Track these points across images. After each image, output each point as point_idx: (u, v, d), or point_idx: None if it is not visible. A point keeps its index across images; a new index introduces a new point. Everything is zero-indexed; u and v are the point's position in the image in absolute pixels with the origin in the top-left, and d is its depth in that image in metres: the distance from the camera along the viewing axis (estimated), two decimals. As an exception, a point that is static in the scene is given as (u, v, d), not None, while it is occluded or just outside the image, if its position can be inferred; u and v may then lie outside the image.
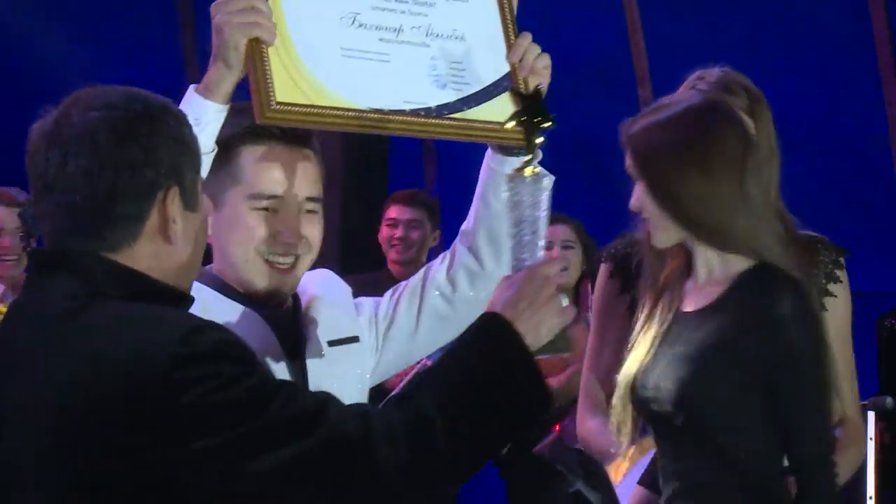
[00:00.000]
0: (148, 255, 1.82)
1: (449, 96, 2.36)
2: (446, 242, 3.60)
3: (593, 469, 4.24)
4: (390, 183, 7.37)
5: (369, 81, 2.28)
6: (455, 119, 2.38)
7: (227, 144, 2.27)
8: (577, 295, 5.23)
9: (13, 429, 1.78)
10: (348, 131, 2.67)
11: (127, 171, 1.78)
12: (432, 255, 5.46)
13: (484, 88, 2.39)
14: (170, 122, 1.83)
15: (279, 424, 1.68)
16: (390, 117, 2.31)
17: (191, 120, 1.91)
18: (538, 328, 1.84)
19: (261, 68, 2.15)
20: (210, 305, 2.21)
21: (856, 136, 7.44)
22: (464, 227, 2.50)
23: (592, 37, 8.00)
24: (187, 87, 2.18)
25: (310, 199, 2.32)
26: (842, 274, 2.76)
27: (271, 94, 2.17)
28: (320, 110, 2.24)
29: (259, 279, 2.28)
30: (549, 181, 2.12)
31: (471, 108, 2.38)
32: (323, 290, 2.43)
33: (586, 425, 2.88)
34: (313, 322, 2.34)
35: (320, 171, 2.37)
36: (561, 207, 4.23)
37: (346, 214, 6.68)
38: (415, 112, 2.32)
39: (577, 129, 6.17)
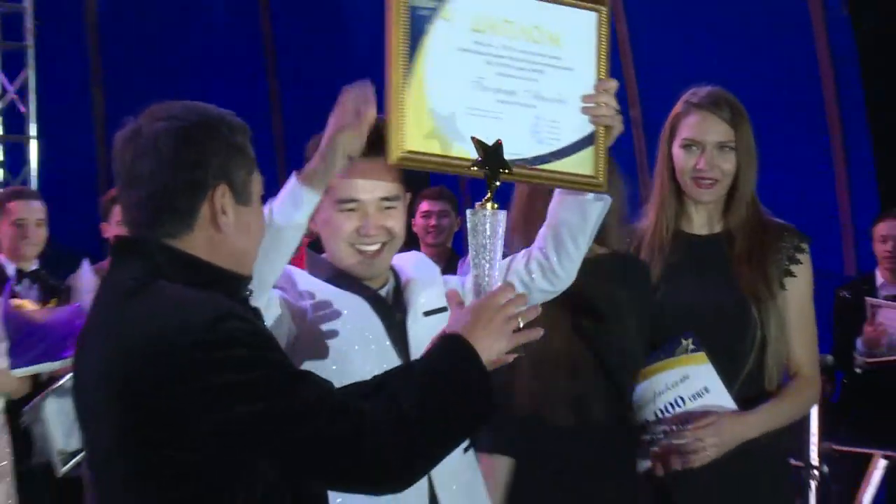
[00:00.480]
0: (203, 242, 2.26)
1: (543, 150, 2.97)
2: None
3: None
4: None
5: (483, 135, 2.75)
6: (542, 169, 2.98)
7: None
8: None
9: (88, 386, 2.31)
10: (463, 175, 3.19)
11: (181, 171, 2.23)
12: (457, 236, 7.13)
13: (571, 144, 3.02)
14: (222, 131, 2.27)
15: (281, 409, 2.10)
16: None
17: (289, 201, 2.59)
18: (490, 349, 2.32)
19: (396, 117, 2.67)
20: (321, 292, 2.93)
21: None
22: (540, 231, 3.15)
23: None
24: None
25: (385, 198, 2.91)
26: (803, 257, 3.43)
27: (402, 142, 2.71)
28: (443, 159, 2.81)
29: (353, 263, 2.93)
30: (503, 215, 2.64)
31: (558, 160, 3.01)
32: (417, 270, 3.11)
33: None
34: (412, 296, 3.00)
35: (395, 175, 2.91)
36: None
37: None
38: (513, 162, 2.80)
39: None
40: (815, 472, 5.23)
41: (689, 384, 3.30)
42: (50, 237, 6.22)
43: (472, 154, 2.74)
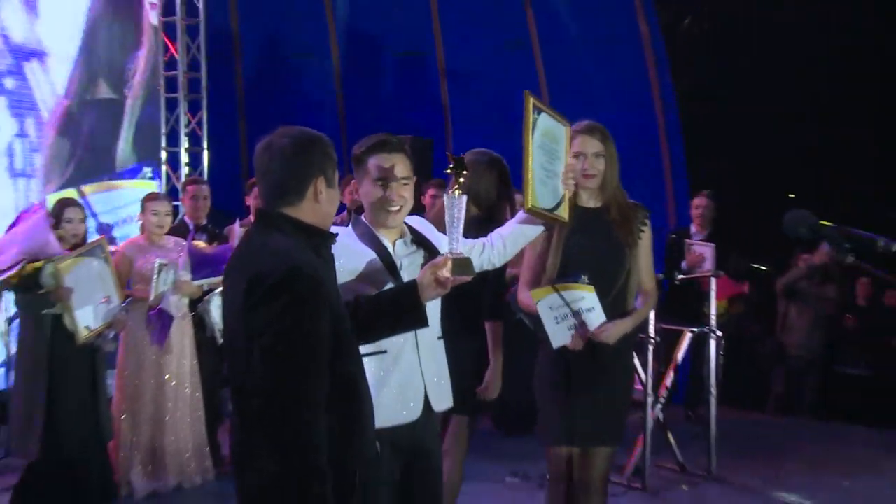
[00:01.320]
0: (309, 209, 2.73)
1: (554, 202, 3.71)
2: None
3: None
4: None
5: (540, 197, 3.59)
6: (552, 213, 3.69)
7: (361, 156, 3.37)
8: None
9: (231, 294, 2.74)
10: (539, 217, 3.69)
11: (298, 168, 2.71)
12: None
13: (560, 198, 3.75)
14: (318, 145, 2.75)
15: (284, 362, 2.49)
16: (544, 213, 3.64)
17: None
18: (426, 292, 2.96)
19: (526, 182, 3.52)
20: (351, 251, 3.30)
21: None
22: (499, 231, 3.75)
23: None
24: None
25: (403, 177, 3.35)
26: (647, 222, 4.07)
27: (529, 200, 3.52)
28: (539, 211, 3.58)
29: (385, 217, 3.35)
30: (465, 199, 3.15)
31: (558, 208, 3.73)
32: (421, 227, 3.55)
33: (523, 295, 4.16)
34: (420, 240, 3.45)
35: (410, 163, 3.39)
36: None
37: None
38: (544, 209, 3.62)
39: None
40: (652, 340, 6.22)
41: (585, 302, 3.79)
42: (213, 206, 7.26)
43: (544, 205, 3.61)
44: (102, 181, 8.96)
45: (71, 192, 7.98)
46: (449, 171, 3.18)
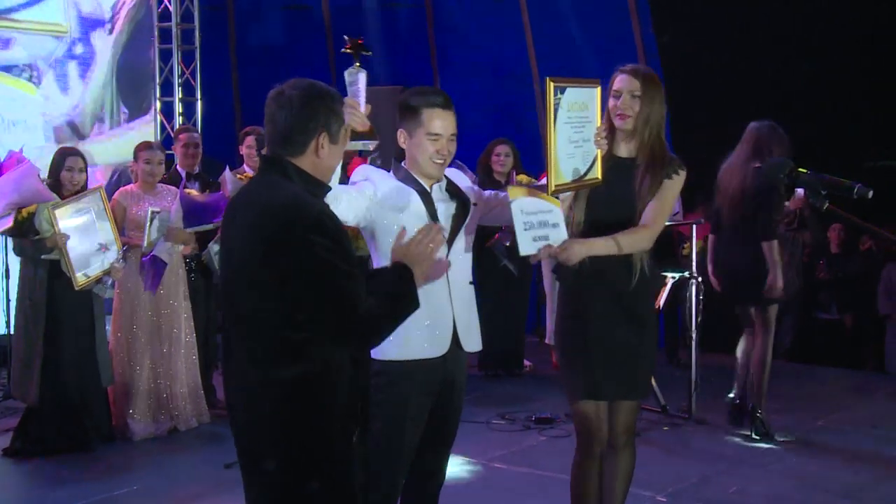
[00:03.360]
0: (309, 162, 2.75)
1: (586, 167, 3.67)
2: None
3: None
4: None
5: (566, 167, 3.57)
6: (585, 179, 3.66)
7: (416, 108, 3.44)
8: None
9: (235, 235, 2.74)
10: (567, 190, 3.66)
11: (302, 121, 2.72)
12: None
13: (592, 161, 3.69)
14: (327, 101, 2.76)
15: (335, 279, 2.59)
16: (570, 185, 3.60)
17: None
18: (419, 270, 2.78)
19: (549, 162, 3.50)
20: (392, 187, 3.45)
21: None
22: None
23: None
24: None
25: (452, 134, 3.48)
26: (680, 172, 3.74)
27: (553, 182, 3.50)
28: (563, 187, 3.56)
29: (432, 169, 3.46)
30: (364, 73, 3.43)
31: (590, 172, 3.68)
32: (454, 177, 3.63)
33: None
34: (454, 191, 3.56)
35: (456, 120, 3.50)
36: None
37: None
38: (575, 177, 3.61)
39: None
40: None
41: (552, 216, 3.50)
42: (207, 155, 7.28)
43: (570, 177, 3.57)
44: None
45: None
46: (347, 50, 3.41)
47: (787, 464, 5.63)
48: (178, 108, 9.80)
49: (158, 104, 9.67)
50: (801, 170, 3.14)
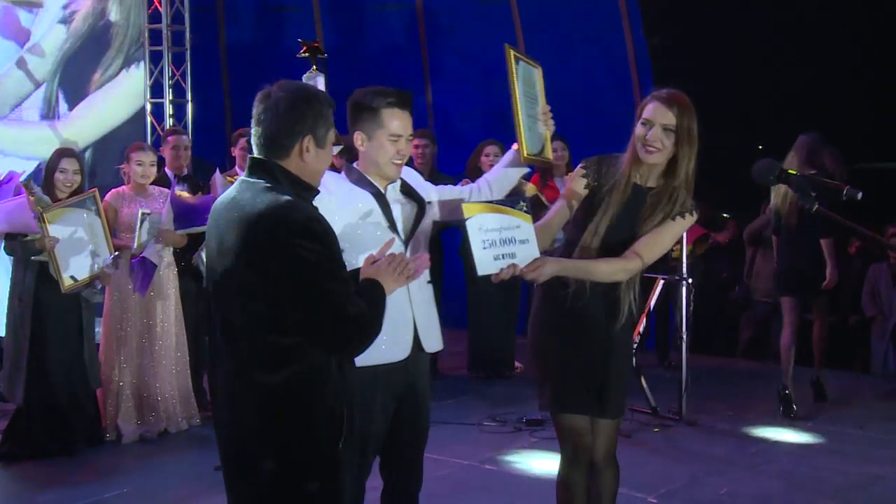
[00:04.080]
0: (295, 165, 2.74)
1: (539, 147, 3.72)
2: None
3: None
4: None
5: (530, 139, 3.59)
6: (539, 155, 3.72)
7: (376, 109, 3.35)
8: None
9: (222, 254, 2.69)
10: (535, 163, 3.73)
11: (287, 124, 2.72)
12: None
13: (543, 139, 3.81)
14: (314, 105, 2.75)
15: (324, 283, 2.59)
16: (535, 159, 3.65)
17: None
18: (389, 287, 2.82)
19: (518, 133, 3.50)
20: (346, 191, 3.40)
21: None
22: (485, 176, 3.85)
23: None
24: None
25: (411, 135, 3.45)
26: (693, 213, 3.51)
27: (524, 151, 3.53)
28: (532, 158, 3.59)
29: (391, 170, 3.42)
30: (322, 77, 3.52)
31: (543, 150, 3.78)
32: (409, 177, 3.60)
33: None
34: (408, 191, 3.54)
35: (411, 121, 3.44)
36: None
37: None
38: (532, 154, 3.63)
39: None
40: None
41: (520, 231, 3.26)
42: (198, 157, 7.27)
43: (533, 151, 3.60)
44: None
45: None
46: (303, 55, 3.42)
47: (777, 465, 5.63)
48: (169, 109, 9.72)
49: (149, 106, 9.61)
50: (790, 171, 3.14)
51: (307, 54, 3.38)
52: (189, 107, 9.83)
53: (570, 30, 9.70)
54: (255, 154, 2.77)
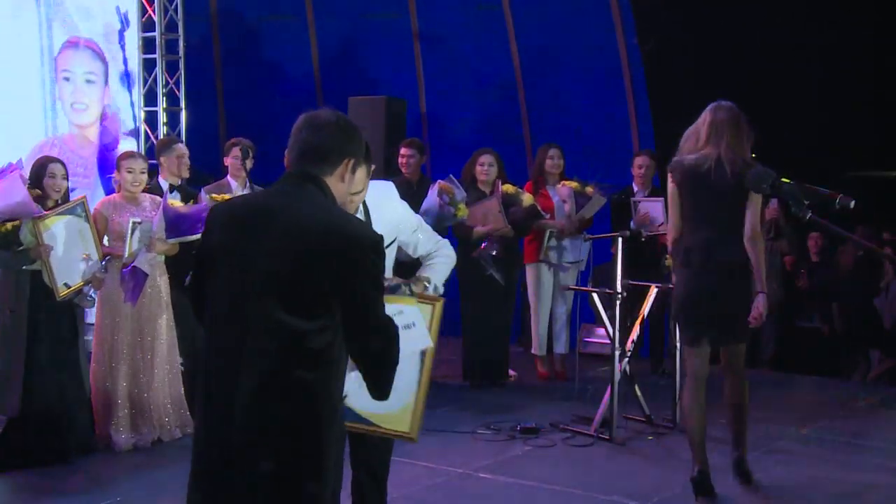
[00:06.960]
0: (333, 184, 2.77)
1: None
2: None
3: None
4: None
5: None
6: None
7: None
8: None
9: (258, 259, 2.65)
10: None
11: (341, 141, 2.79)
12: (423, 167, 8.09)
13: None
14: (358, 134, 2.87)
15: (379, 298, 2.68)
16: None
17: None
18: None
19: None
20: None
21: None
22: None
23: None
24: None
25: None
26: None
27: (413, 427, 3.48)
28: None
29: (348, 206, 3.16)
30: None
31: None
32: (381, 195, 3.70)
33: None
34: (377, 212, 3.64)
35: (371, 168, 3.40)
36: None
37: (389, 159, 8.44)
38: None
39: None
40: (619, 295, 6.33)
41: (403, 317, 3.22)
42: (190, 164, 7.00)
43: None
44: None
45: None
46: None
47: (770, 473, 5.62)
48: (163, 117, 9.73)
49: (142, 114, 9.61)
50: (784, 180, 3.14)
51: None
52: (183, 115, 9.84)
53: (564, 37, 9.74)
54: (299, 167, 2.78)
